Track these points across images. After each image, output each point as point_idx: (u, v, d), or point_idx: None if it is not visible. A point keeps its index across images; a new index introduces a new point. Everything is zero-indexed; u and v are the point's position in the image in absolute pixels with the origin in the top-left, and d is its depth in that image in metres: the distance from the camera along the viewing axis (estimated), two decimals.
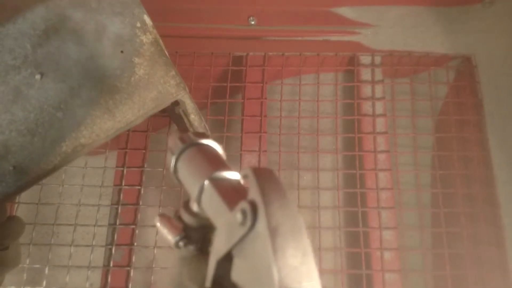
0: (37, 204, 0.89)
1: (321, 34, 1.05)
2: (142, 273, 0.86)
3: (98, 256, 0.87)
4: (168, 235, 0.36)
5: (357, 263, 0.88)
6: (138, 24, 0.69)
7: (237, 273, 0.29)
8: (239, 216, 0.28)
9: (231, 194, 0.31)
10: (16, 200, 0.90)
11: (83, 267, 0.86)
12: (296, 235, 0.27)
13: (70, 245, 0.87)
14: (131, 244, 0.88)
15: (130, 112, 0.65)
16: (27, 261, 0.86)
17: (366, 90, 1.00)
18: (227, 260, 0.29)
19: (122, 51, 0.66)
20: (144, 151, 0.94)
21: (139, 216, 0.90)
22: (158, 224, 0.38)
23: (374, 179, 0.92)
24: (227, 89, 0.99)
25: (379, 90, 1.00)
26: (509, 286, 0.85)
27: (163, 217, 0.38)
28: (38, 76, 0.63)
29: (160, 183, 0.91)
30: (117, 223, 0.89)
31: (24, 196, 0.90)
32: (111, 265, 0.86)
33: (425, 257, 0.90)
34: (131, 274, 0.85)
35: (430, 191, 0.95)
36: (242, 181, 0.34)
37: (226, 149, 0.93)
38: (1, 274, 0.66)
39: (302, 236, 0.27)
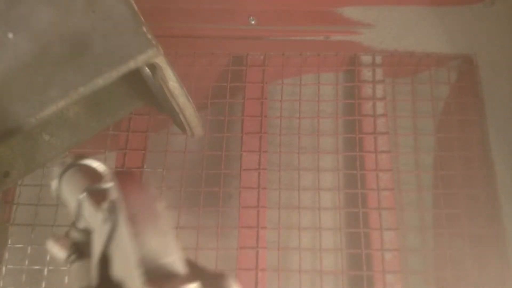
0: (36, 205, 0.89)
1: (321, 34, 1.05)
2: None
3: None
4: (59, 252, 0.38)
5: (358, 264, 0.87)
6: None
7: (114, 268, 0.31)
8: (103, 215, 0.30)
9: (103, 201, 0.33)
10: (15, 201, 0.90)
11: None
12: (153, 220, 0.29)
13: None
14: None
15: (101, 69, 0.65)
16: (26, 262, 0.86)
17: (367, 90, 1.00)
18: (107, 262, 0.32)
19: (93, 11, 0.67)
20: (143, 151, 0.94)
21: None
22: (48, 244, 0.39)
23: (375, 179, 0.92)
24: (227, 89, 0.98)
25: (380, 90, 0.99)
26: (511, 286, 0.85)
27: (53, 237, 0.39)
28: (10, 35, 0.64)
29: (159, 183, 0.90)
30: None
31: (23, 197, 0.90)
32: None
33: (426, 257, 0.89)
34: None
35: (432, 192, 0.94)
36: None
37: (226, 149, 0.93)
38: None
39: (159, 220, 0.29)
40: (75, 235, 0.38)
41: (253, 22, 1.04)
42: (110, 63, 0.65)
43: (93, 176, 0.39)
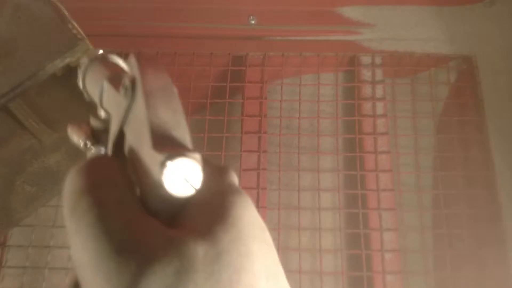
0: None
1: (321, 34, 1.04)
2: None
3: None
4: (77, 138, 0.40)
5: (357, 265, 0.87)
6: None
7: (127, 144, 0.32)
8: (122, 90, 0.32)
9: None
10: None
11: None
12: (168, 97, 0.31)
13: (69, 247, 0.86)
14: None
15: (27, 69, 0.67)
16: (26, 263, 0.85)
17: (367, 90, 1.00)
18: (122, 138, 0.33)
19: (19, 17, 0.70)
20: None
21: None
22: (69, 130, 0.41)
23: (375, 180, 0.92)
24: (226, 89, 0.98)
25: (379, 90, 0.99)
26: (511, 287, 0.85)
27: (73, 124, 0.41)
28: None
29: None
30: None
31: None
32: None
33: (426, 258, 0.89)
34: None
35: (431, 192, 0.94)
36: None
37: (226, 149, 0.93)
38: None
39: (173, 99, 0.31)
40: (96, 123, 0.40)
41: (253, 22, 1.04)
42: (36, 63, 0.67)
43: (116, 67, 0.41)
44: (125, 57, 1.05)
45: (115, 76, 0.37)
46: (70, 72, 0.70)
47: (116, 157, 0.33)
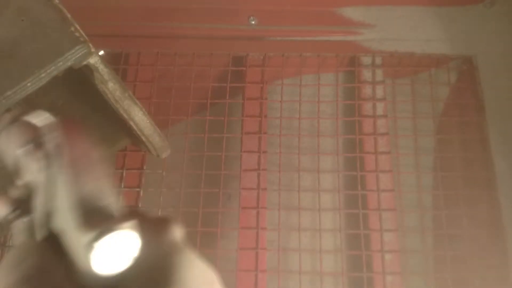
0: None
1: (321, 35, 1.04)
2: None
3: None
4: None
5: (358, 265, 0.87)
6: None
7: (55, 218, 0.31)
8: (41, 163, 0.32)
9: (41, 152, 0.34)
10: None
11: None
12: (90, 165, 0.31)
13: None
14: None
15: (29, 71, 0.66)
16: None
17: (367, 91, 0.99)
18: (50, 215, 0.32)
19: (22, 19, 0.70)
20: (143, 153, 0.93)
21: None
22: None
23: (375, 180, 0.92)
24: (227, 89, 0.98)
25: (380, 91, 0.99)
26: (511, 287, 0.85)
27: None
28: None
29: (159, 185, 0.90)
30: None
31: None
32: None
33: (426, 259, 0.89)
34: None
35: (431, 193, 0.94)
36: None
37: (226, 149, 0.93)
38: None
39: (96, 165, 0.31)
40: (14, 192, 0.38)
41: (253, 22, 1.04)
42: (39, 65, 0.67)
43: (33, 130, 0.38)
44: (125, 57, 1.06)
45: (33, 143, 0.35)
46: (72, 74, 0.69)
47: (45, 239, 0.32)
